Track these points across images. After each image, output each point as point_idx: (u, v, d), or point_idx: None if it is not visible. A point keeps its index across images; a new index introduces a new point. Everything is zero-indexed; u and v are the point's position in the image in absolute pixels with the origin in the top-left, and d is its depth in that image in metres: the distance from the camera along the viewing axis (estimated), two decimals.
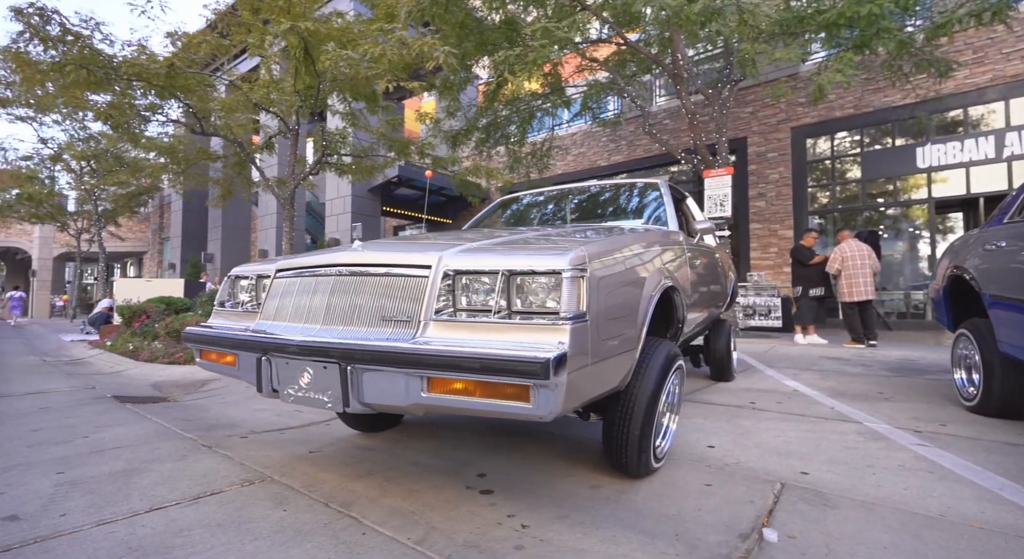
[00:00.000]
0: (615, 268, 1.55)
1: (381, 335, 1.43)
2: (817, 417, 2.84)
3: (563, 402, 1.23)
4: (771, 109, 11.17)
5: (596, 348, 1.38)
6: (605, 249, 1.54)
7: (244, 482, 1.82)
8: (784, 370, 4.63)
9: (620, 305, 1.55)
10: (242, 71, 9.92)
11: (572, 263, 1.33)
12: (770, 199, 11.14)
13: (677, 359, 1.95)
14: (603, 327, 1.43)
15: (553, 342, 1.24)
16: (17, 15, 5.22)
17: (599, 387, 1.48)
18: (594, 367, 1.38)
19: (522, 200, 3.55)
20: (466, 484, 1.86)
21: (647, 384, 1.75)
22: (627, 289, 1.61)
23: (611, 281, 1.51)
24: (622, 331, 1.55)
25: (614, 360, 1.51)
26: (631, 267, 1.66)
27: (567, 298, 1.29)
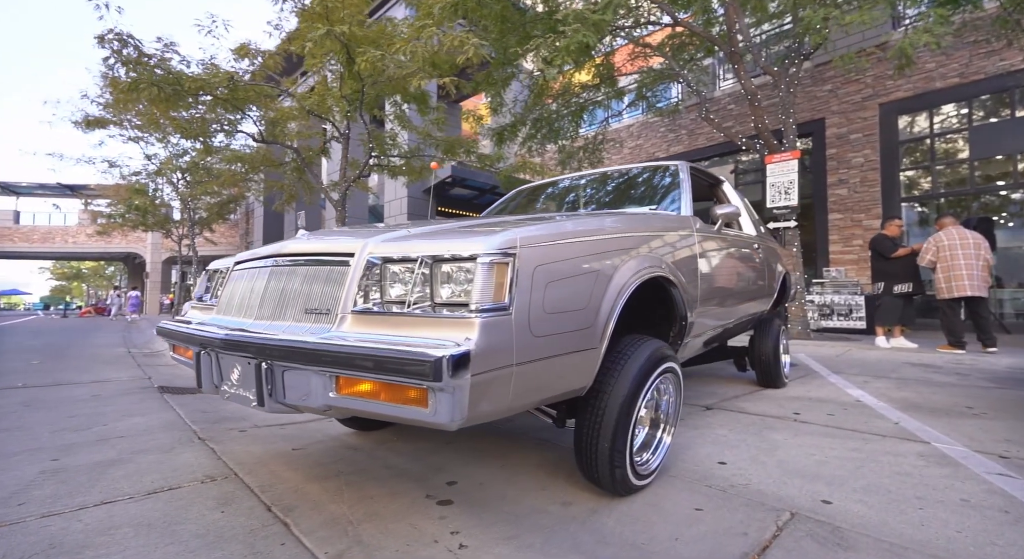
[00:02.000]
0: (566, 254, 1.34)
1: (301, 329, 1.33)
2: (872, 434, 2.40)
3: (469, 408, 1.06)
4: (854, 85, 10.01)
5: (530, 345, 1.19)
6: (550, 233, 1.33)
7: (206, 478, 1.81)
8: (852, 377, 4.05)
9: (573, 296, 1.33)
10: (307, 84, 10.47)
11: (491, 247, 1.15)
12: (853, 186, 9.99)
13: (665, 361, 1.68)
14: (544, 321, 1.23)
15: (458, 338, 1.07)
16: (100, 42, 5.81)
17: (541, 390, 1.28)
18: (528, 367, 1.19)
19: (537, 189, 3.35)
20: (428, 492, 1.73)
21: (619, 389, 1.51)
22: (584, 279, 1.38)
23: (559, 269, 1.30)
24: (576, 326, 1.33)
25: (563, 360, 1.30)
26: (591, 254, 1.43)
27: (480, 287, 1.11)
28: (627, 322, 2.17)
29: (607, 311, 1.44)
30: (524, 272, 1.19)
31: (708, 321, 2.35)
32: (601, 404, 1.51)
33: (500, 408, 1.16)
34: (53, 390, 3.66)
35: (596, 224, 1.55)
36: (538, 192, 3.30)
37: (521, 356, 1.16)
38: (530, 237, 1.25)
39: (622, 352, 1.60)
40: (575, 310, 1.34)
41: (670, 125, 12.22)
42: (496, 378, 1.11)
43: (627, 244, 1.62)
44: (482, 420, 1.14)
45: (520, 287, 1.17)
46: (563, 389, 1.35)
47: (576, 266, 1.36)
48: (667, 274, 1.79)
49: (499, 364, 1.11)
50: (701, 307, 2.18)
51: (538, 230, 1.30)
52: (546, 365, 1.25)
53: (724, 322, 2.63)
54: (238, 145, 11.94)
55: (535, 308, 1.21)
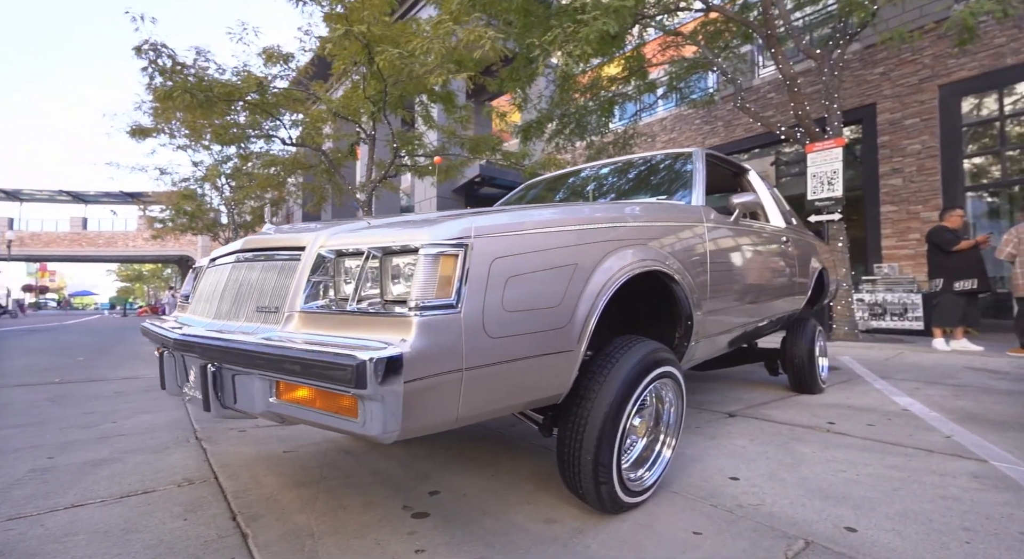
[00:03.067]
0: (533, 246, 1.19)
1: (251, 329, 1.25)
2: (917, 448, 2.12)
3: (405, 419, 0.93)
4: (909, 66, 9.26)
5: (485, 347, 1.05)
6: (513, 222, 1.18)
7: (184, 482, 1.77)
8: (901, 383, 3.68)
9: (542, 293, 1.18)
10: (335, 87, 10.68)
11: (436, 237, 1.02)
12: (909, 175, 9.24)
13: (661, 365, 1.50)
14: (504, 321, 1.09)
15: (393, 339, 0.95)
16: (137, 52, 6.06)
17: (503, 398, 1.14)
18: (483, 372, 1.05)
19: (547, 182, 3.20)
20: (405, 503, 1.62)
21: (604, 396, 1.35)
22: (557, 273, 1.23)
23: (525, 262, 1.16)
24: (546, 326, 1.19)
25: (529, 364, 1.16)
26: (566, 246, 1.28)
27: (421, 282, 0.99)
28: (629, 321, 2.00)
29: (586, 310, 1.29)
30: (478, 265, 1.06)
31: (723, 321, 2.14)
32: (583, 413, 1.36)
33: (447, 418, 1.03)
34: (83, 386, 3.81)
35: (573, 213, 1.39)
36: (548, 184, 3.15)
37: (473, 359, 1.03)
38: (487, 226, 1.11)
39: (610, 355, 1.44)
40: (545, 308, 1.19)
41: (705, 117, 11.72)
42: (439, 384, 0.98)
43: (614, 235, 1.46)
44: (425, 432, 1.02)
45: (473, 282, 1.04)
46: (531, 397, 1.21)
47: (547, 259, 1.22)
48: (666, 269, 1.61)
49: (443, 368, 0.98)
50: (713, 305, 1.98)
51: (498, 219, 1.16)
52: (507, 370, 1.11)
53: (744, 322, 2.40)
54: (277, 150, 12.33)
55: (492, 306, 1.07)
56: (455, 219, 1.08)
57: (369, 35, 5.47)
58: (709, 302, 1.94)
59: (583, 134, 9.54)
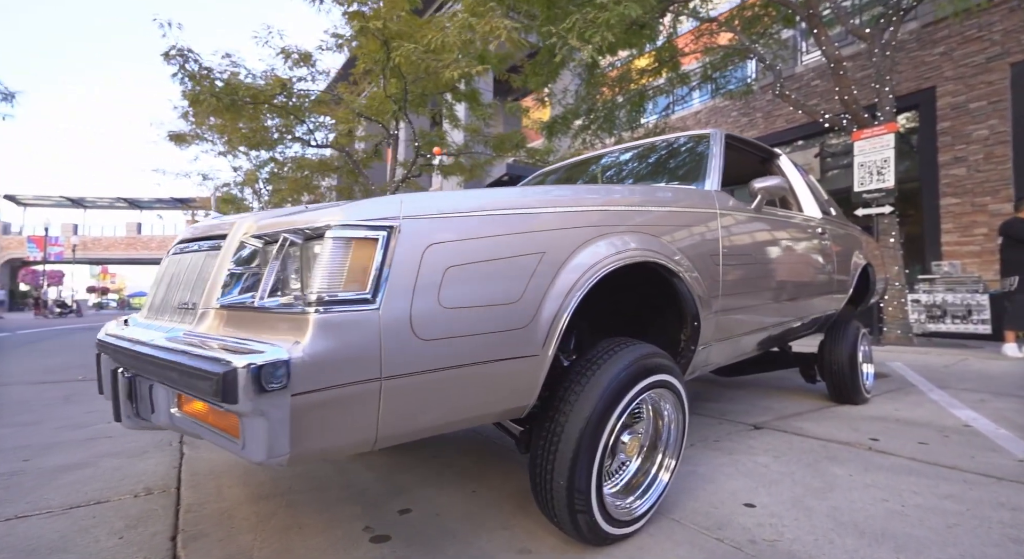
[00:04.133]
0: (484, 231, 1.00)
1: (166, 329, 1.11)
2: (981, 474, 1.79)
3: (296, 441, 0.76)
4: (975, 44, 8.46)
5: (414, 352, 0.87)
6: (457, 204, 0.99)
7: (144, 492, 1.66)
8: (963, 393, 3.25)
9: (496, 286, 0.99)
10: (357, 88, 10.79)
11: (348, 218, 0.85)
12: (974, 164, 8.44)
13: (654, 372, 1.28)
14: (441, 319, 0.90)
15: (288, 342, 0.78)
16: (166, 58, 6.23)
17: (440, 413, 0.94)
18: (410, 382, 0.87)
19: (566, 167, 2.96)
20: (369, 523, 1.45)
21: (581, 409, 1.14)
22: (517, 263, 1.03)
23: (472, 249, 0.97)
24: (500, 326, 0.99)
25: (476, 372, 0.96)
26: (529, 231, 1.07)
27: (324, 271, 0.82)
28: (628, 322, 1.77)
29: (555, 307, 1.08)
30: (408, 252, 0.87)
31: (742, 321, 1.87)
32: (555, 429, 1.15)
33: (361, 439, 0.85)
34: None
35: (541, 194, 1.18)
36: (567, 171, 2.90)
37: (396, 366, 0.85)
38: (422, 206, 0.92)
39: (591, 360, 1.23)
40: (499, 305, 0.99)
41: (743, 109, 11.13)
42: (347, 397, 0.80)
43: (596, 220, 1.24)
44: (333, 455, 0.84)
45: (399, 272, 0.86)
46: (481, 410, 1.01)
47: (503, 247, 1.02)
48: (663, 261, 1.37)
49: (351, 377, 0.80)
50: (728, 304, 1.72)
51: (437, 199, 0.97)
52: (445, 379, 0.91)
53: (770, 323, 2.12)
54: (311, 153, 12.58)
55: (425, 301, 0.88)
56: (380, 198, 0.90)
57: (386, 31, 5.40)
58: (723, 300, 1.69)
59: (611, 129, 9.21)
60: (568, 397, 1.16)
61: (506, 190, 1.13)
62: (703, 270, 1.56)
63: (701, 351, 1.68)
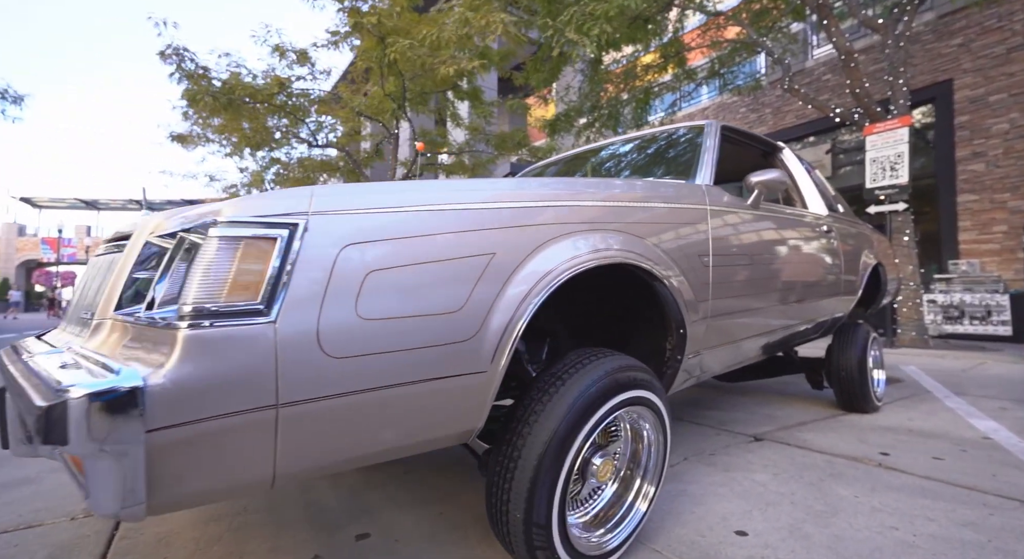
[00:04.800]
0: (415, 228, 0.87)
1: (64, 343, 0.99)
2: (1003, 496, 1.62)
3: (153, 490, 0.63)
4: (995, 34, 8.17)
5: (323, 372, 0.74)
6: (381, 198, 0.86)
7: (83, 513, 1.55)
8: (981, 401, 3.06)
9: (430, 294, 0.85)
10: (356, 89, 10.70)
11: (239, 214, 0.72)
12: (994, 159, 8.14)
13: (629, 388, 1.14)
14: (359, 333, 0.77)
15: (150, 366, 0.65)
16: (161, 57, 6.19)
17: (357, 444, 0.80)
18: (316, 408, 0.74)
19: (560, 162, 2.81)
20: (318, 552, 1.33)
21: (541, 430, 1.00)
22: (458, 266, 0.90)
23: (400, 251, 0.84)
24: (437, 339, 0.86)
25: (405, 392, 0.83)
26: (474, 230, 0.94)
27: (201, 277, 0.69)
28: (616, 328, 1.63)
29: (507, 316, 0.94)
30: (318, 254, 0.75)
31: (736, 326, 1.72)
32: (511, 453, 1.02)
33: (252, 479, 0.71)
34: None
35: (491, 187, 1.04)
36: (567, 163, 2.74)
37: (298, 390, 0.71)
38: (338, 200, 0.79)
39: (555, 375, 1.09)
40: (437, 314, 0.86)
41: (751, 104, 10.88)
42: (227, 430, 0.67)
43: (559, 216, 1.10)
44: (214, 500, 0.71)
45: (304, 277, 0.73)
46: (414, 439, 0.87)
47: (441, 248, 0.88)
48: (640, 262, 1.23)
49: (234, 406, 0.67)
50: (720, 307, 1.57)
51: (358, 192, 0.84)
52: (364, 403, 0.78)
53: (769, 328, 1.96)
54: (317, 154, 12.54)
55: (338, 311, 0.75)
56: (284, 191, 0.78)
57: (382, 27, 5.30)
58: (715, 304, 1.54)
59: (616, 127, 9.04)
60: (527, 417, 1.03)
61: (449, 182, 1.00)
62: (690, 272, 1.42)
63: (691, 360, 1.53)
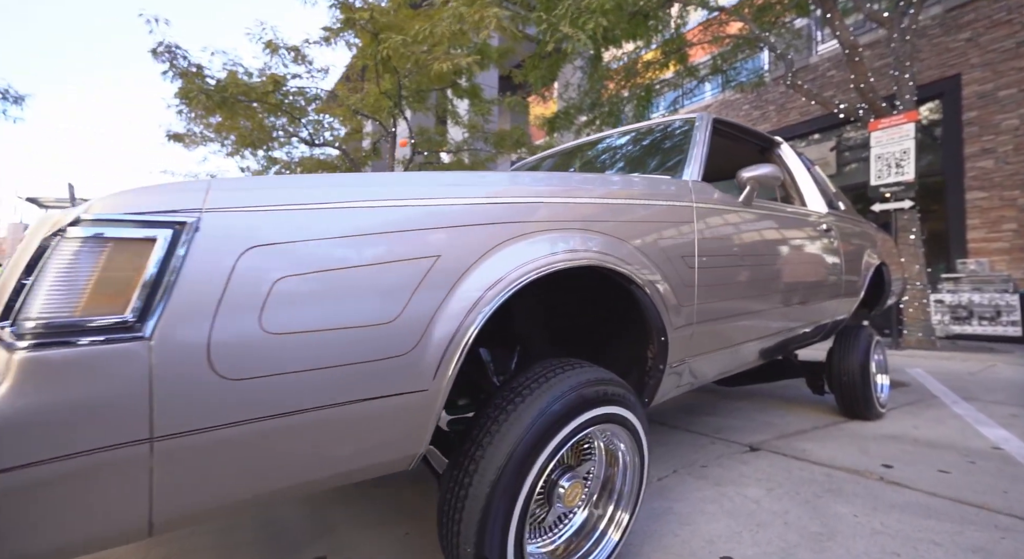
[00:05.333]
0: (342, 228, 0.76)
1: None
2: (1015, 516, 1.50)
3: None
4: (1004, 28, 7.98)
5: (213, 397, 0.63)
6: (297, 192, 0.75)
7: None
8: (990, 407, 2.92)
9: (357, 302, 0.75)
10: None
11: (109, 211, 0.62)
12: (1003, 155, 7.96)
13: (600, 404, 1.03)
14: (263, 349, 0.67)
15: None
16: (154, 54, 6.11)
17: (264, 478, 0.69)
18: (203, 441, 0.63)
19: (562, 152, 2.69)
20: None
21: (494, 456, 0.90)
22: (393, 270, 0.79)
23: (322, 253, 0.73)
24: (366, 354, 0.75)
25: (323, 417, 0.72)
26: (414, 229, 0.83)
27: (51, 285, 0.59)
28: (597, 336, 1.52)
29: (451, 326, 0.84)
30: (211, 258, 0.64)
31: (727, 331, 1.60)
32: (463, 479, 0.91)
33: (117, 528, 0.59)
34: None
35: (433, 182, 0.93)
36: (564, 156, 2.61)
37: (179, 420, 0.61)
38: (242, 195, 0.69)
39: (516, 390, 0.98)
40: (365, 326, 0.75)
41: (755, 101, 10.71)
42: (82, 472, 0.56)
43: (516, 215, 0.99)
44: (72, 554, 0.59)
45: (192, 286, 0.62)
46: (338, 469, 0.76)
47: (373, 248, 0.78)
48: (614, 264, 1.12)
49: (92, 442, 0.56)
50: (708, 313, 1.46)
51: (267, 185, 0.73)
52: (270, 432, 0.67)
53: (764, 332, 1.85)
54: (318, 153, 12.46)
55: (236, 325, 0.64)
56: (184, 182, 0.67)
57: (375, 23, 5.20)
58: (702, 308, 1.43)
59: (616, 125, 8.91)
60: (480, 438, 0.92)
61: (386, 176, 0.89)
62: (672, 274, 1.31)
63: (675, 369, 1.42)
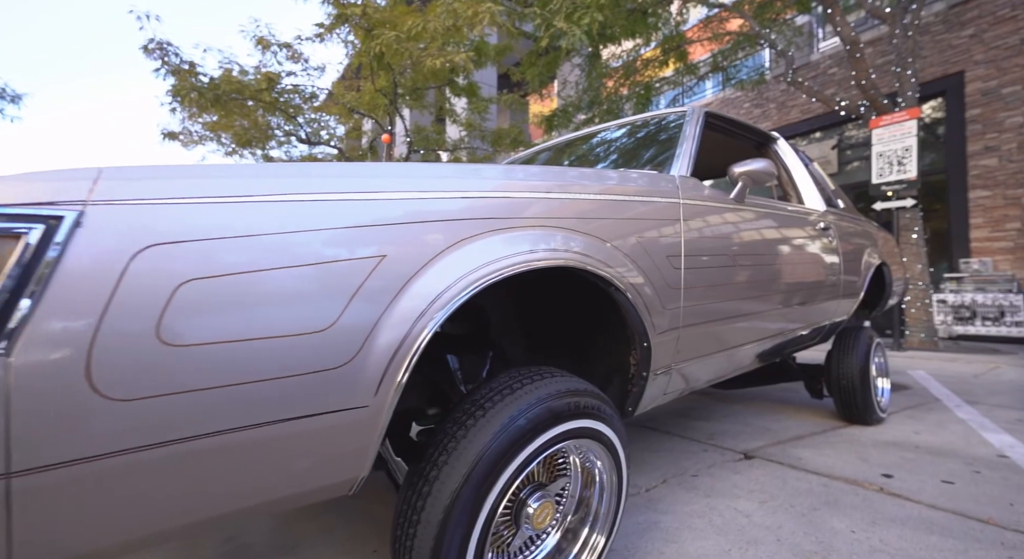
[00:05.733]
0: (263, 224, 0.67)
1: None
2: (1023, 532, 1.41)
3: None
4: (1008, 24, 7.87)
5: (92, 421, 0.54)
6: (211, 184, 0.66)
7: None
8: (994, 411, 2.83)
9: (283, 306, 0.66)
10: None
11: None
12: (1007, 154, 7.85)
13: (572, 418, 0.94)
14: (160, 364, 0.58)
15: None
16: (145, 51, 6.04)
17: (172, 514, 0.61)
18: (77, 474, 0.54)
19: (548, 150, 2.61)
20: None
21: (451, 475, 0.81)
22: (330, 271, 0.70)
23: (239, 252, 0.65)
24: (293, 367, 0.66)
25: (242, 439, 0.63)
26: (356, 227, 0.74)
27: None
28: (580, 342, 1.44)
29: (398, 335, 0.75)
30: (97, 258, 0.55)
31: (718, 335, 1.51)
32: (415, 502, 0.83)
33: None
34: None
35: (383, 173, 0.84)
36: (559, 150, 2.52)
37: (45, 451, 0.51)
38: (136, 186, 0.60)
39: (478, 403, 0.90)
40: (291, 335, 0.67)
41: (756, 99, 10.60)
42: None
43: (472, 211, 0.90)
44: None
45: (70, 291, 0.53)
46: (258, 500, 0.67)
47: (304, 246, 0.69)
48: (586, 265, 1.03)
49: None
50: (695, 316, 1.37)
51: (172, 173, 0.64)
52: (168, 459, 0.58)
53: (757, 335, 1.76)
54: (318, 152, 12.38)
55: (125, 336, 0.56)
56: (69, 170, 0.59)
57: (368, 19, 5.12)
58: (687, 311, 1.34)
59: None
60: (436, 458, 0.84)
61: (325, 165, 0.80)
62: (655, 275, 1.22)
63: (660, 376, 1.33)
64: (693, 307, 1.36)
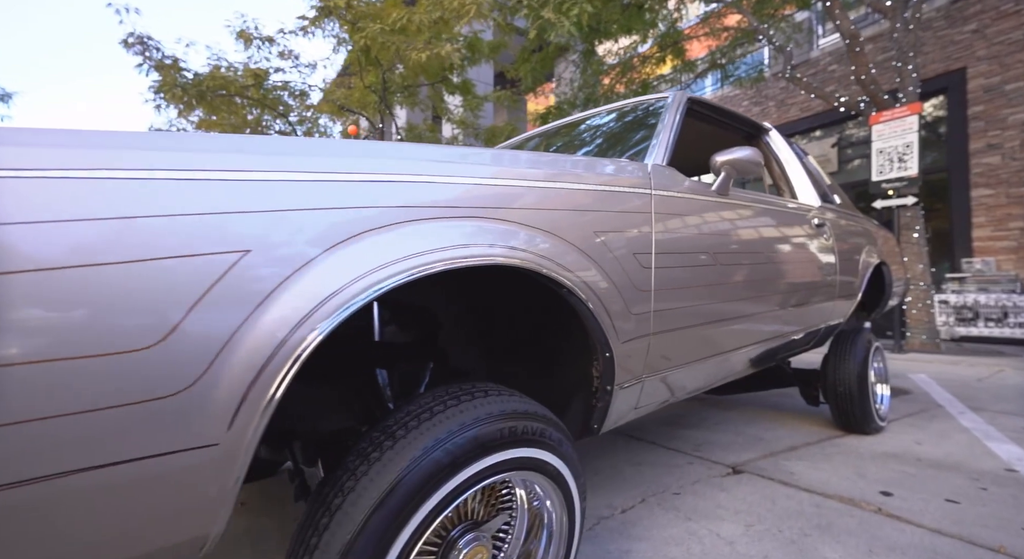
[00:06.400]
0: (82, 208, 0.52)
1: None
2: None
3: None
4: (1012, 19, 7.72)
5: None
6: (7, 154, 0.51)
7: None
8: (1000, 418, 2.67)
9: (92, 318, 0.51)
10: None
11: None
12: (1010, 151, 7.69)
13: (511, 446, 0.79)
14: None
15: None
16: (125, 45, 5.89)
17: None
18: None
19: (536, 137, 2.46)
20: None
21: (345, 521, 0.66)
22: (164, 269, 0.55)
23: (26, 242, 0.49)
24: (109, 398, 0.51)
25: (28, 494, 0.48)
26: (205, 214, 0.59)
27: None
28: (546, 351, 1.28)
29: (262, 353, 0.59)
30: None
31: (688, 344, 1.36)
32: (310, 539, 0.67)
33: None
34: None
35: (254, 148, 0.68)
36: (549, 136, 2.37)
37: None
38: None
39: (388, 431, 0.74)
40: (101, 355, 0.51)
41: (755, 97, 10.44)
42: None
43: (377, 197, 0.74)
44: None
45: None
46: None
47: (129, 237, 0.54)
48: (532, 264, 0.88)
49: None
50: (663, 322, 1.21)
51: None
52: None
53: (739, 342, 1.60)
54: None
55: None
56: None
57: (352, 11, 4.97)
58: (657, 316, 1.18)
59: None
60: (330, 500, 0.68)
61: (176, 136, 0.65)
62: (619, 274, 1.06)
63: (629, 388, 1.18)
64: (666, 311, 1.21)
